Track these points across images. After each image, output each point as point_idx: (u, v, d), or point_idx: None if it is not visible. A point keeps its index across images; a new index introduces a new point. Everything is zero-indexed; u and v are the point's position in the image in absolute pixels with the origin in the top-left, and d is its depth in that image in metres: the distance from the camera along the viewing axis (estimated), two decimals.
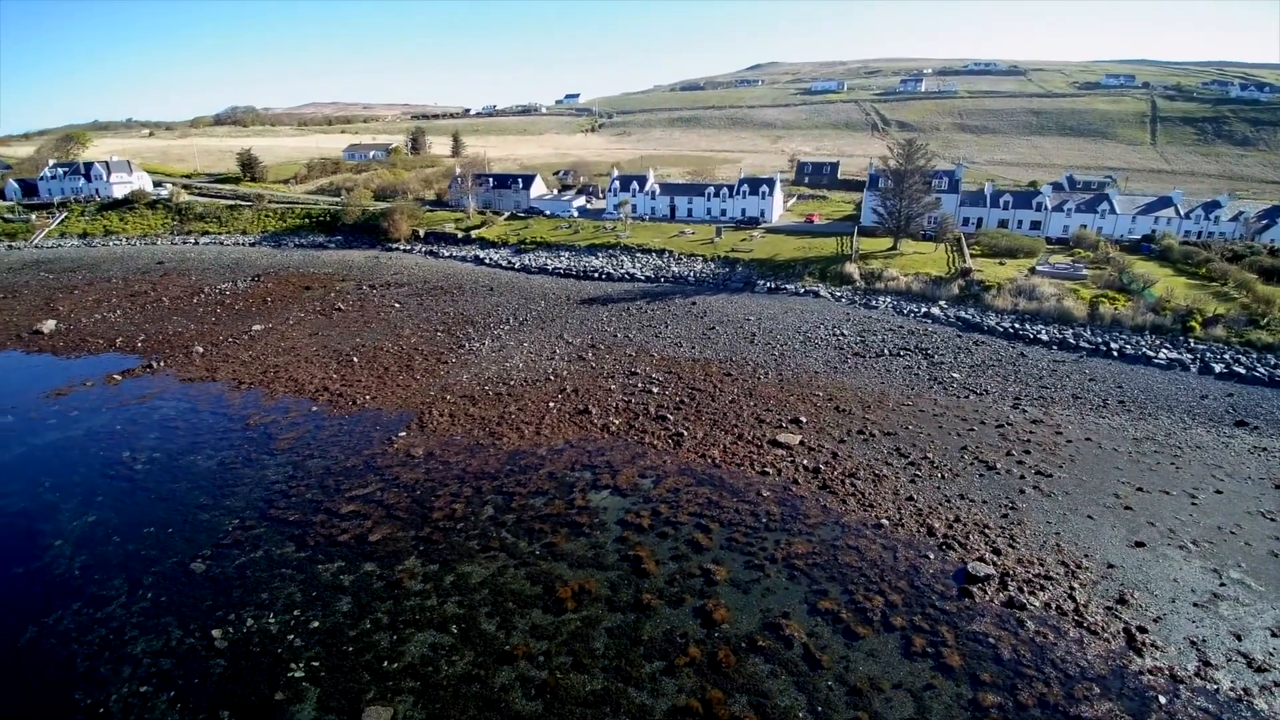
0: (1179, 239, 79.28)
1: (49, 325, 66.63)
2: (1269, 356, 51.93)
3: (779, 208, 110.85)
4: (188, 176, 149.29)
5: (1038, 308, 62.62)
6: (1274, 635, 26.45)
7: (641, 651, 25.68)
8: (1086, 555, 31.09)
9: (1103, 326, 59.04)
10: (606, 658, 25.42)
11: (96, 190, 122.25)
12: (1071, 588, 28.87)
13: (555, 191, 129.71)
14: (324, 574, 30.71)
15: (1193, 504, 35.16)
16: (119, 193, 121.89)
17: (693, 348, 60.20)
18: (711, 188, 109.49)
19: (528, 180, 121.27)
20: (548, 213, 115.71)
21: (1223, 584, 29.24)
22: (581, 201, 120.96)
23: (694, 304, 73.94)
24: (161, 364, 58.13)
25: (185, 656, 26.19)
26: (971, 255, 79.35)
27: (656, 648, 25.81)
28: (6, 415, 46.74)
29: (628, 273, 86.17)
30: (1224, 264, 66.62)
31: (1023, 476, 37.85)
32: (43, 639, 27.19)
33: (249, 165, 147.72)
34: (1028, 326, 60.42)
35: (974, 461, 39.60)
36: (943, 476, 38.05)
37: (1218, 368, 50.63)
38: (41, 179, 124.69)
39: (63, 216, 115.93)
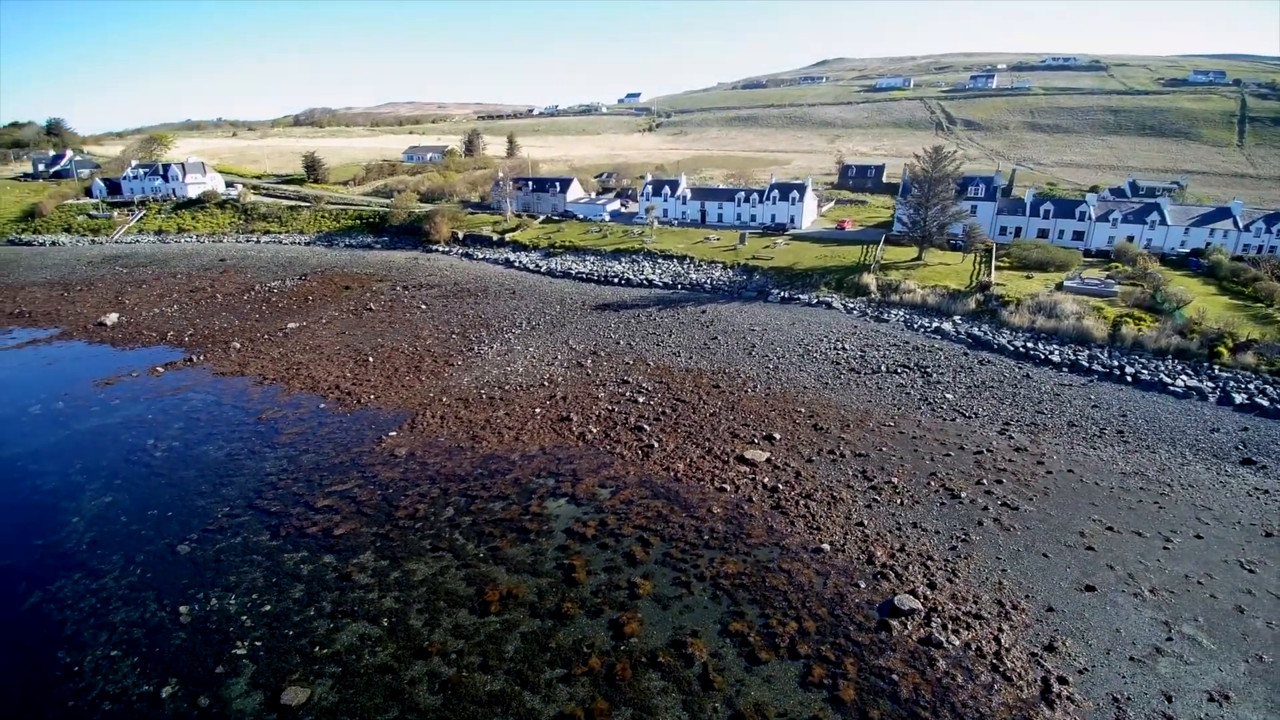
0: (1232, 254, 73.18)
1: (112, 318, 73.98)
2: None
3: (811, 213, 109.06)
4: (258, 177, 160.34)
5: (1055, 326, 59.67)
6: (1211, 700, 25.05)
7: (547, 658, 27.03)
8: (1028, 596, 30.14)
9: (1123, 349, 55.73)
10: (513, 661, 26.91)
11: (173, 190, 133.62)
12: (1000, 629, 28.15)
13: (593, 195, 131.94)
14: (287, 562, 33.57)
15: (1164, 548, 33.31)
16: (193, 193, 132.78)
17: (690, 357, 60.76)
18: (742, 193, 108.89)
19: (565, 184, 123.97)
20: (581, 216, 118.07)
21: (1170, 638, 27.78)
22: (616, 205, 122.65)
23: (704, 312, 74.26)
24: (201, 358, 63.58)
25: (154, 628, 29.45)
26: (1000, 267, 76.10)
27: (562, 655, 27.09)
28: (58, 402, 52.65)
29: (646, 279, 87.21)
30: (1272, 283, 61.22)
31: (986, 508, 36.77)
32: (44, 603, 31.14)
33: (313, 167, 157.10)
34: (1040, 346, 57.71)
35: (939, 489, 38.71)
36: (901, 503, 37.45)
37: (1239, 398, 47.08)
38: (125, 178, 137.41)
39: (141, 214, 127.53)
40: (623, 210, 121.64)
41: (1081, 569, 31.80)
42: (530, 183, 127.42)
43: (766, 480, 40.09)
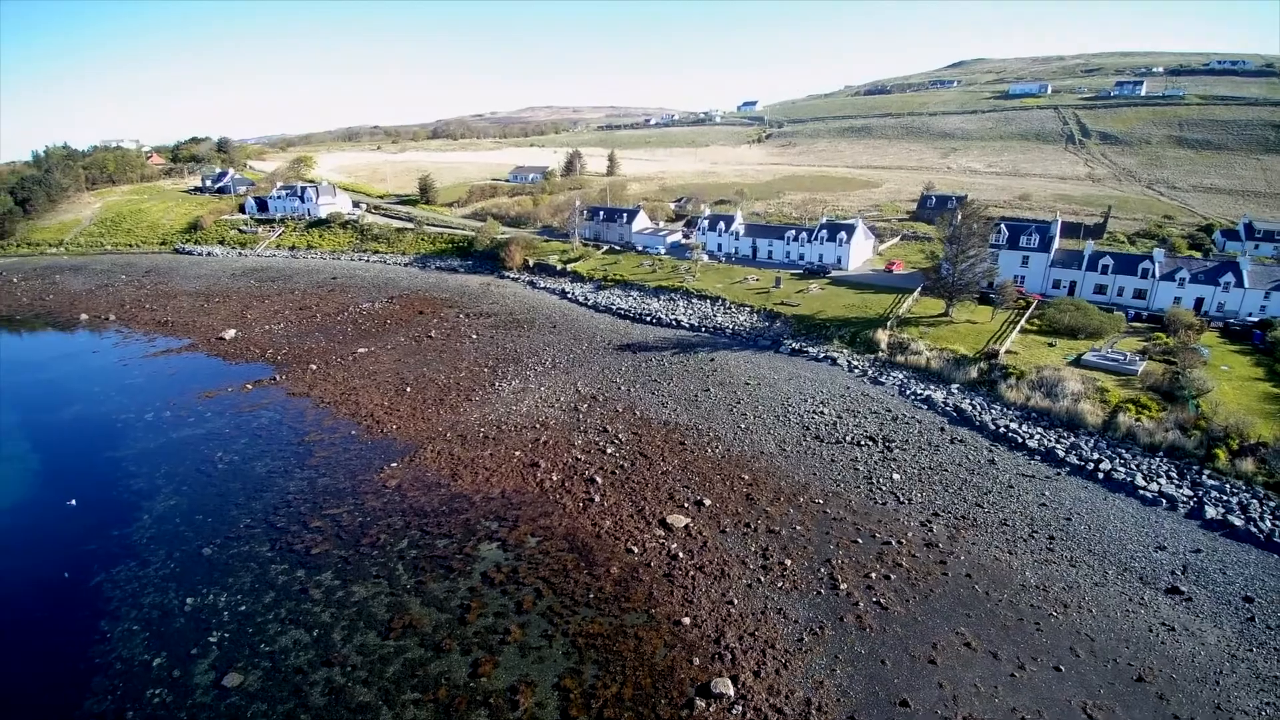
0: None
1: (230, 333, 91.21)
2: None
3: (864, 252, 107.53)
4: (380, 197, 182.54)
5: (1050, 407, 57.27)
6: None
7: (414, 682, 33.99)
8: (839, 700, 32.45)
9: (1114, 440, 52.71)
10: (387, 680, 34.15)
11: (307, 210, 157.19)
12: None
13: (660, 223, 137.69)
14: (271, 572, 43.25)
15: (1012, 675, 33.62)
16: (323, 213, 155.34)
17: (674, 410, 65.13)
18: (792, 231, 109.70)
19: (631, 214, 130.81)
20: (640, 248, 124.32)
21: None
22: (677, 236, 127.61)
23: (712, 359, 77.71)
24: (283, 377, 77.49)
25: (165, 612, 39.99)
26: (1028, 330, 72.52)
27: (423, 682, 33.92)
28: (167, 410, 67.78)
29: (675, 319, 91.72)
30: None
31: (858, 603, 38.66)
32: (104, 584, 42.94)
33: (425, 189, 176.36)
34: (1024, 428, 55.88)
35: (825, 576, 40.93)
36: (780, 586, 40.29)
37: (1211, 512, 43.80)
38: (271, 198, 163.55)
39: (280, 231, 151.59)
40: (682, 241, 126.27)
41: (910, 682, 33.33)
42: (601, 212, 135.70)
43: (674, 546, 44.33)
